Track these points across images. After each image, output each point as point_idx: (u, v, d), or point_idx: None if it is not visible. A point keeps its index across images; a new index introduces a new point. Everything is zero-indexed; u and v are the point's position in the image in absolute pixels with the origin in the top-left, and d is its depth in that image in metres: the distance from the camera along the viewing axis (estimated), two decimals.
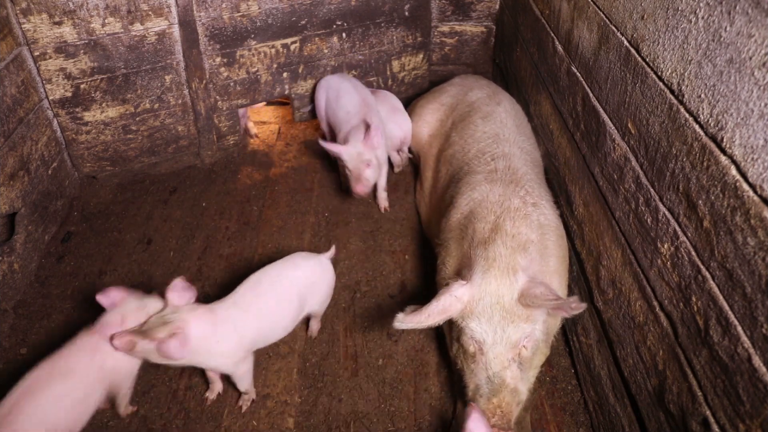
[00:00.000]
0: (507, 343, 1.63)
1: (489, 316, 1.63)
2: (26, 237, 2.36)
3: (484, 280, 1.65)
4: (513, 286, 1.64)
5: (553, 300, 1.55)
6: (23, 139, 2.39)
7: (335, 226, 2.69)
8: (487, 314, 1.63)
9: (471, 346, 1.67)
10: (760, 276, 1.07)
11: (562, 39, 2.23)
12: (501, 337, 1.63)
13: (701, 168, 1.27)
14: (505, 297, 1.63)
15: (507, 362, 1.64)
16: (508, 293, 1.63)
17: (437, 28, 3.37)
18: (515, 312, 1.63)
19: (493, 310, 1.63)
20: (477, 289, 1.65)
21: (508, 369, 1.63)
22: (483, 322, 1.63)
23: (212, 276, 2.41)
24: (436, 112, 2.81)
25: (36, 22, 2.36)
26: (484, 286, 1.64)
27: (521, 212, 1.89)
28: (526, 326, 1.64)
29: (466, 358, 1.71)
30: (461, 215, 2.02)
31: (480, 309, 1.64)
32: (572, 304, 1.51)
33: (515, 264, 1.68)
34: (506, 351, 1.64)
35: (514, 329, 1.63)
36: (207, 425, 1.88)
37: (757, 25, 1.07)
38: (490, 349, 1.64)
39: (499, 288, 1.64)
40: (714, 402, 1.23)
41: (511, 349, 1.64)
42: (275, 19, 2.85)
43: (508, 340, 1.63)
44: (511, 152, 2.21)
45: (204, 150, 3.04)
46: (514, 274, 1.65)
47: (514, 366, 1.65)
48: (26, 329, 2.17)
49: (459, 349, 1.76)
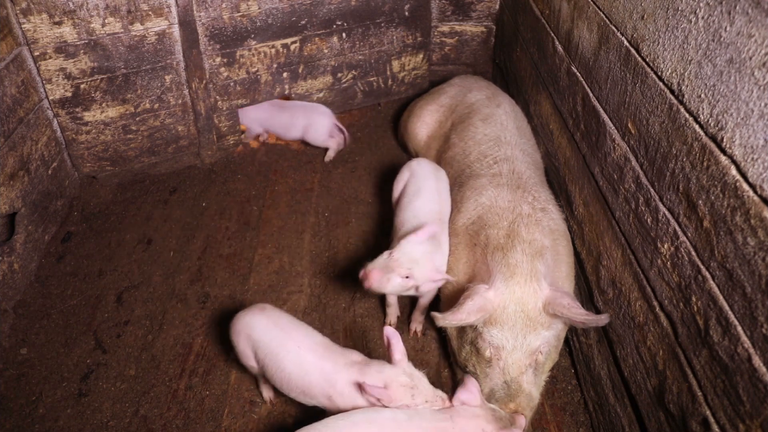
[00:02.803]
0: (526, 350, 1.64)
1: (512, 324, 1.63)
2: (26, 237, 2.36)
3: (508, 288, 1.65)
4: (537, 295, 1.64)
5: (583, 315, 1.56)
6: (23, 139, 2.39)
7: (335, 226, 2.69)
8: (510, 322, 1.64)
9: (488, 351, 1.67)
10: (760, 276, 1.07)
11: (562, 39, 2.23)
12: (521, 344, 1.64)
13: (701, 168, 1.27)
14: (529, 305, 1.63)
15: (524, 368, 1.65)
16: (532, 301, 1.64)
17: (437, 28, 3.37)
18: (537, 320, 1.64)
19: (516, 318, 1.63)
20: (501, 297, 1.65)
21: (524, 374, 1.64)
22: (505, 329, 1.64)
23: (212, 276, 2.41)
24: (435, 113, 2.81)
25: (36, 22, 2.36)
26: (508, 294, 1.65)
27: (533, 218, 1.89)
28: (546, 333, 1.65)
29: (480, 361, 1.71)
30: (468, 220, 2.01)
31: (504, 317, 1.64)
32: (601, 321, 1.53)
33: (536, 271, 1.69)
34: (525, 357, 1.65)
35: (534, 337, 1.64)
36: (207, 425, 1.88)
37: (757, 25, 1.07)
38: (509, 355, 1.64)
39: (523, 296, 1.64)
40: (714, 402, 1.23)
41: (529, 355, 1.65)
42: (275, 19, 2.84)
43: (528, 347, 1.64)
44: (513, 155, 2.20)
45: (204, 150, 3.04)
46: (537, 282, 1.66)
47: (530, 371, 1.66)
48: (26, 329, 2.17)
49: (472, 352, 1.75)
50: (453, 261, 1.97)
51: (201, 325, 2.20)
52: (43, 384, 1.99)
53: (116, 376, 2.02)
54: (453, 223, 2.07)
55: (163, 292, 2.34)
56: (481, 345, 1.69)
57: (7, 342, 2.12)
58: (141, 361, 2.08)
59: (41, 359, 2.07)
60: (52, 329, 2.18)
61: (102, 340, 2.14)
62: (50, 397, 1.95)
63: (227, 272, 2.43)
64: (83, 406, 1.93)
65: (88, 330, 2.18)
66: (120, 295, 2.32)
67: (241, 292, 2.33)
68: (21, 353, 2.09)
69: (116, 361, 2.07)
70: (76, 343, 2.13)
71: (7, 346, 2.11)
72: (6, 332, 2.14)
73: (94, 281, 2.38)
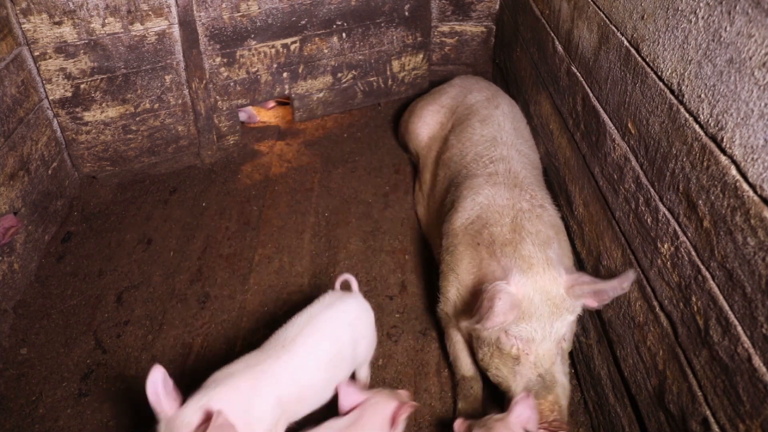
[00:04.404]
0: (555, 339, 1.64)
1: (539, 314, 1.63)
2: (26, 237, 2.36)
3: (529, 279, 1.65)
4: (557, 281, 1.65)
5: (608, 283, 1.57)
6: (23, 139, 2.39)
7: (335, 226, 2.69)
8: (537, 313, 1.63)
9: (514, 347, 1.66)
10: (760, 276, 1.07)
11: (562, 39, 2.24)
12: (549, 333, 1.63)
13: (701, 168, 1.27)
14: (552, 291, 1.64)
15: (554, 358, 1.65)
16: (555, 288, 1.64)
17: (437, 28, 3.37)
18: (562, 305, 1.64)
19: (543, 308, 1.63)
20: (523, 289, 1.64)
21: (555, 364, 1.65)
22: (533, 321, 1.63)
23: (212, 276, 2.41)
24: (436, 114, 2.81)
25: (36, 22, 2.36)
26: (530, 285, 1.64)
27: (534, 213, 1.91)
28: (570, 317, 1.66)
29: (506, 361, 1.69)
30: (466, 219, 2.01)
31: (531, 309, 1.63)
32: (628, 278, 1.54)
33: (550, 259, 1.70)
34: (554, 346, 1.65)
35: (561, 323, 1.64)
36: None
37: (757, 25, 1.07)
38: (539, 347, 1.64)
39: (545, 285, 1.65)
40: (714, 402, 1.23)
41: (557, 345, 1.65)
42: (275, 19, 2.85)
43: (556, 335, 1.64)
44: (509, 155, 2.21)
45: (204, 150, 3.04)
46: (554, 269, 1.67)
47: (559, 360, 1.67)
48: (26, 329, 2.17)
49: (494, 353, 1.73)
50: (453, 261, 1.97)
51: (201, 325, 2.20)
52: (43, 384, 1.99)
53: (116, 376, 2.02)
54: (451, 223, 2.07)
55: (163, 292, 2.34)
56: (504, 343, 1.67)
57: (7, 342, 2.12)
58: (141, 361, 2.07)
59: (41, 359, 2.07)
60: (52, 329, 2.18)
61: (102, 340, 2.14)
62: (50, 397, 1.95)
63: (227, 272, 2.43)
64: (83, 406, 1.93)
65: (88, 330, 2.18)
66: (120, 295, 2.32)
67: (241, 292, 2.33)
68: (21, 353, 2.09)
69: (116, 361, 2.07)
70: (76, 343, 2.13)
71: (7, 346, 2.11)
72: (6, 332, 2.14)
73: (94, 281, 2.38)
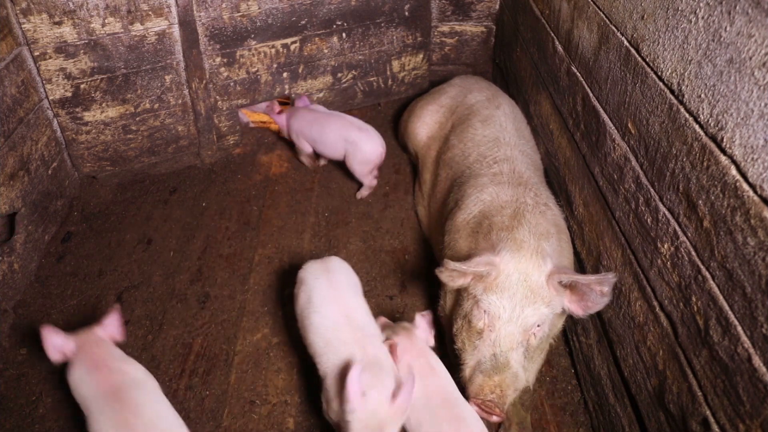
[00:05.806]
0: (521, 324, 1.63)
1: (513, 292, 1.63)
2: (26, 237, 2.36)
3: (514, 258, 1.66)
4: (541, 269, 1.65)
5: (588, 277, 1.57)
6: (23, 139, 2.39)
7: (335, 226, 2.69)
8: (511, 290, 1.63)
9: (481, 321, 1.66)
10: (760, 276, 1.08)
11: (562, 39, 2.24)
12: (517, 316, 1.63)
13: (701, 168, 1.27)
14: (532, 276, 1.64)
15: (515, 344, 1.63)
16: (536, 274, 1.65)
17: (437, 28, 3.37)
18: (538, 293, 1.63)
19: (518, 287, 1.63)
20: (506, 265, 1.65)
21: (514, 351, 1.63)
22: (504, 297, 1.63)
23: (212, 276, 2.41)
24: (435, 113, 2.81)
25: (36, 22, 2.36)
26: (514, 263, 1.65)
27: (537, 209, 1.92)
28: (545, 310, 1.64)
29: (471, 334, 1.70)
30: (469, 215, 2.01)
31: (506, 283, 1.64)
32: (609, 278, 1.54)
33: (542, 249, 1.70)
34: (518, 332, 1.63)
35: (532, 311, 1.63)
36: (207, 425, 1.89)
37: (757, 25, 1.08)
38: (503, 326, 1.63)
39: (527, 267, 1.65)
40: (714, 402, 1.23)
41: (523, 332, 1.64)
42: (275, 19, 2.85)
43: (524, 321, 1.63)
44: (513, 156, 2.21)
45: (204, 150, 3.04)
46: (542, 258, 1.67)
47: (521, 350, 1.65)
48: (26, 329, 2.17)
49: (463, 326, 1.74)
50: (453, 256, 1.98)
51: (201, 325, 2.20)
52: (43, 384, 1.99)
53: None
54: (453, 220, 2.08)
55: (163, 292, 2.34)
56: (475, 315, 1.68)
57: (7, 342, 2.12)
58: (141, 361, 2.05)
59: (41, 359, 2.07)
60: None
61: None
62: (50, 397, 1.95)
63: (227, 272, 2.43)
64: None
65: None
66: (120, 295, 2.32)
67: (241, 292, 2.33)
68: (21, 353, 2.09)
69: None
70: None
71: (7, 346, 2.11)
72: (6, 332, 2.14)
73: (94, 281, 2.38)
